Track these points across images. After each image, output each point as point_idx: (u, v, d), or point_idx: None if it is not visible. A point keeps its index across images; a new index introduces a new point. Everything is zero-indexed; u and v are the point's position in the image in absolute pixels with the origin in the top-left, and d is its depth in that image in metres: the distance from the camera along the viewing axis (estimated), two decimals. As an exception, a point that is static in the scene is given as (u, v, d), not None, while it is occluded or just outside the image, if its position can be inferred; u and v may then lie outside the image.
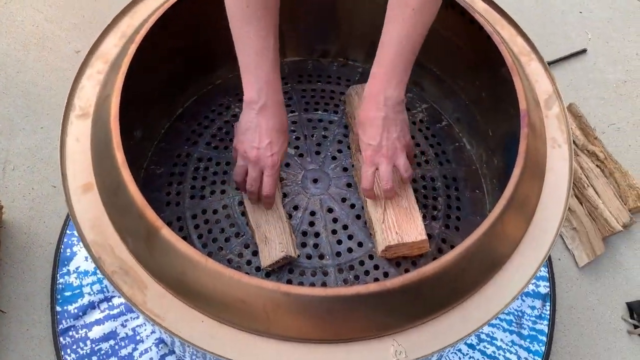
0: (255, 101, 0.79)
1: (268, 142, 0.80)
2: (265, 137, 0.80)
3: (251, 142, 0.80)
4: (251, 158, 0.80)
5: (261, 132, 0.80)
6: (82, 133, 0.74)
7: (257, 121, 0.80)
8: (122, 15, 0.84)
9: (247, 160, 0.81)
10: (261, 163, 0.80)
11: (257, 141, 0.80)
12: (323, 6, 1.02)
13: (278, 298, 0.60)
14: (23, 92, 1.35)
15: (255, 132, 0.80)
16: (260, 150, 0.80)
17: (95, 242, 0.67)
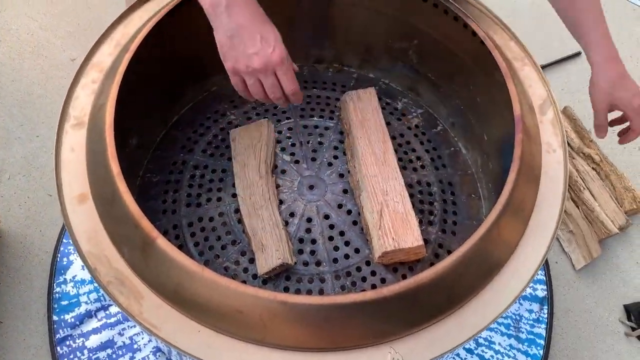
0: (218, 2, 0.68)
1: (260, 38, 0.69)
2: (256, 34, 0.69)
3: (244, 50, 0.69)
4: (256, 66, 0.70)
5: (247, 32, 0.69)
6: (77, 143, 0.74)
7: (235, 23, 0.68)
8: (117, 24, 0.84)
9: (253, 72, 0.70)
10: (270, 65, 0.70)
11: (250, 45, 0.69)
12: (318, 13, 1.02)
13: (275, 307, 0.59)
14: (18, 100, 1.35)
15: (241, 35, 0.69)
16: (260, 53, 0.69)
17: (91, 253, 0.66)
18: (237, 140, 0.93)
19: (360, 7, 0.99)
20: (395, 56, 1.04)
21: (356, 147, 0.92)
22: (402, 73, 1.06)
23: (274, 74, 0.72)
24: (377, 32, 1.02)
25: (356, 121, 0.95)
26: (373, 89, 0.99)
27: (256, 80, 0.72)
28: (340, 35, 1.05)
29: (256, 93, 0.73)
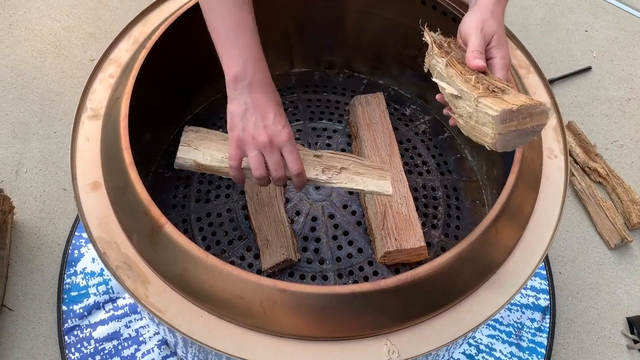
0: (242, 77, 0.69)
1: (274, 116, 0.70)
2: (269, 112, 0.70)
3: (255, 122, 0.69)
4: (263, 139, 0.69)
5: (262, 108, 0.70)
6: (92, 133, 0.77)
7: (252, 99, 0.70)
8: (135, 22, 0.87)
9: (258, 145, 0.70)
10: (276, 141, 0.70)
11: (261, 118, 0.69)
12: (331, 19, 1.05)
13: (275, 294, 0.61)
14: (39, 97, 1.39)
15: (255, 110, 0.70)
16: (269, 128, 0.69)
17: (101, 238, 0.69)
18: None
19: (371, 15, 1.02)
20: (404, 63, 1.06)
21: (363, 149, 0.94)
22: (411, 80, 1.08)
23: (279, 151, 0.70)
24: (387, 39, 1.04)
25: (364, 124, 0.97)
26: (381, 93, 1.01)
27: (259, 153, 0.70)
28: (351, 41, 1.08)
29: (256, 167, 0.70)
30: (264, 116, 0.69)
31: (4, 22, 1.52)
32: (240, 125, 0.70)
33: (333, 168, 0.78)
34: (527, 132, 0.61)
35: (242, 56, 0.70)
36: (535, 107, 0.60)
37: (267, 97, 0.71)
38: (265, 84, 0.71)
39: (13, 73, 1.43)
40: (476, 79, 0.64)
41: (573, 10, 1.68)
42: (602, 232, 1.26)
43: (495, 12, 0.70)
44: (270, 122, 0.69)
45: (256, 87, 0.70)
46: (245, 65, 0.69)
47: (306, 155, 0.78)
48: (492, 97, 0.61)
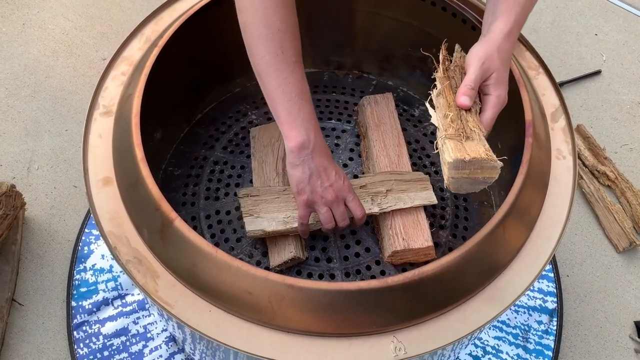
0: (307, 145, 0.75)
1: (335, 174, 0.78)
2: (331, 171, 0.78)
3: (322, 184, 0.77)
4: (331, 197, 0.78)
5: (326, 170, 0.77)
6: (104, 130, 0.78)
7: (315, 163, 0.76)
8: (147, 21, 0.88)
9: (327, 203, 0.78)
10: (341, 195, 0.79)
11: (326, 179, 0.77)
12: (340, 20, 1.05)
13: (283, 290, 0.62)
14: (51, 96, 1.41)
15: (320, 173, 0.77)
16: (334, 185, 0.78)
17: (112, 233, 0.70)
18: (256, 138, 0.97)
19: (381, 16, 1.03)
20: (413, 64, 1.06)
21: (371, 149, 0.95)
22: (420, 81, 1.08)
23: (343, 203, 0.79)
24: (397, 40, 1.05)
25: (372, 124, 0.97)
26: (390, 94, 1.02)
27: (328, 209, 0.79)
28: (361, 42, 1.09)
29: (327, 222, 0.79)
30: (329, 177, 0.78)
31: (17, 21, 1.54)
32: (308, 189, 0.78)
33: (380, 194, 0.86)
34: (478, 182, 0.66)
35: (305, 127, 0.75)
36: (487, 162, 0.64)
37: (327, 159, 0.78)
38: (324, 147, 0.78)
39: (26, 71, 1.44)
40: (455, 115, 0.68)
41: (583, 13, 1.68)
42: (611, 235, 1.26)
43: (503, 48, 0.72)
44: (334, 181, 0.78)
45: (317, 153, 0.76)
46: (308, 135, 0.75)
47: (353, 188, 0.84)
48: (456, 141, 0.65)
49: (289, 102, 0.75)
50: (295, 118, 0.75)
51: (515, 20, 0.74)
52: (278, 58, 0.73)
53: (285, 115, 0.75)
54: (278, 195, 0.85)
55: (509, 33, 0.73)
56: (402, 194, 0.86)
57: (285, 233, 0.83)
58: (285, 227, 0.82)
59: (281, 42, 0.73)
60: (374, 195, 0.85)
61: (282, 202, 0.84)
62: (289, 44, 0.74)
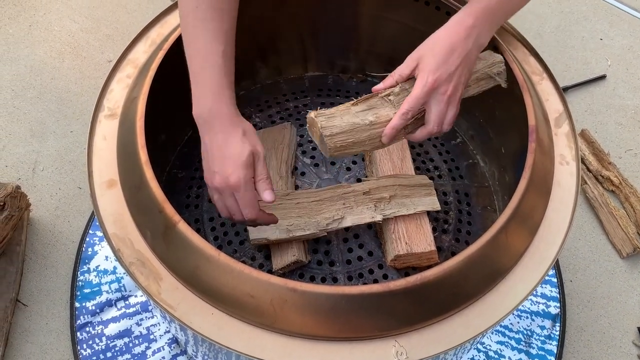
0: (198, 114, 0.70)
1: (224, 159, 0.69)
2: (222, 154, 0.69)
3: (210, 167, 0.70)
4: (218, 185, 0.70)
5: (219, 150, 0.69)
6: (109, 132, 0.78)
7: (210, 140, 0.70)
8: (153, 24, 0.89)
9: (215, 189, 0.71)
10: (227, 186, 0.69)
11: (213, 163, 0.69)
12: (345, 24, 1.06)
13: (285, 293, 0.62)
14: (56, 97, 1.41)
15: (211, 153, 0.70)
16: (219, 173, 0.69)
17: (116, 235, 0.70)
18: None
19: (386, 20, 1.03)
20: (418, 68, 1.06)
21: (374, 153, 0.95)
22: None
23: (232, 196, 0.70)
24: (401, 44, 1.04)
25: (376, 128, 0.97)
26: (394, 98, 1.02)
27: (220, 197, 0.71)
28: (365, 46, 1.09)
29: (220, 210, 0.73)
30: (216, 160, 0.69)
31: (24, 23, 1.55)
32: (203, 167, 0.72)
33: (383, 200, 0.86)
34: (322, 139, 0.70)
35: (202, 94, 0.69)
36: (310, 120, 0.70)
37: (224, 135, 0.68)
38: (225, 120, 0.69)
39: (32, 73, 1.45)
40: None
41: (588, 18, 1.67)
42: (614, 240, 1.25)
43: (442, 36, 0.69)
44: (220, 167, 0.68)
45: (213, 126, 0.69)
46: (203, 102, 0.69)
47: (356, 195, 0.86)
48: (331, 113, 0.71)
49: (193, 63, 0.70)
50: (196, 82, 0.69)
51: (481, 9, 0.68)
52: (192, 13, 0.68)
53: (190, 76, 0.70)
54: (281, 201, 0.85)
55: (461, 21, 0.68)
56: (405, 200, 0.86)
57: (289, 241, 0.84)
58: (288, 236, 0.82)
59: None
60: (377, 202, 0.85)
61: (286, 208, 0.85)
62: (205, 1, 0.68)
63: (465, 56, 0.68)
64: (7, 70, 1.45)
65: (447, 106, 0.69)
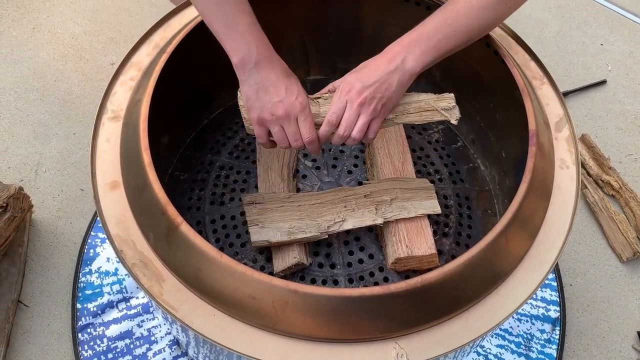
0: (248, 59, 0.73)
1: (285, 89, 0.74)
2: (281, 86, 0.74)
3: (270, 99, 0.74)
4: (280, 114, 0.74)
5: (274, 85, 0.74)
6: (112, 134, 0.79)
7: (261, 77, 0.73)
8: (156, 27, 0.90)
9: (277, 120, 0.75)
10: (293, 112, 0.74)
11: (275, 94, 0.73)
12: (347, 28, 1.06)
13: (286, 295, 0.63)
14: (59, 99, 1.42)
15: (267, 88, 0.73)
16: (284, 101, 0.73)
17: (119, 236, 0.71)
18: (262, 144, 0.97)
19: (387, 24, 1.03)
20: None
21: (375, 157, 0.95)
22: (425, 89, 1.08)
23: (295, 121, 0.75)
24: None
25: (377, 132, 0.98)
26: (395, 102, 1.02)
27: (280, 128, 0.76)
28: (367, 50, 1.09)
29: (280, 140, 0.77)
30: (277, 91, 0.74)
31: (27, 25, 1.56)
32: (257, 105, 0.75)
33: (384, 202, 0.87)
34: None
35: (244, 41, 0.72)
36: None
37: (276, 72, 0.74)
38: (271, 59, 0.74)
39: (35, 75, 1.46)
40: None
41: (589, 23, 1.68)
42: (614, 245, 1.26)
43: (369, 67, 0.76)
44: (283, 96, 0.74)
45: (263, 66, 0.73)
46: (249, 49, 0.72)
47: (358, 198, 0.87)
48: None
49: (224, 16, 0.72)
50: (234, 31, 0.72)
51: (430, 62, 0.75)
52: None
53: (222, 30, 0.73)
54: (283, 204, 0.86)
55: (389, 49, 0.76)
56: (406, 203, 0.87)
57: (290, 243, 0.84)
58: (289, 238, 0.83)
59: None
60: (378, 205, 0.86)
61: (287, 210, 0.85)
62: None
63: (385, 75, 0.75)
64: (11, 72, 1.46)
65: (357, 114, 0.75)
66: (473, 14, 0.74)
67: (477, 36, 0.77)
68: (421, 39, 0.75)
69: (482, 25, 0.75)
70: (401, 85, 0.76)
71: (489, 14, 0.74)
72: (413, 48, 0.75)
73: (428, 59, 0.75)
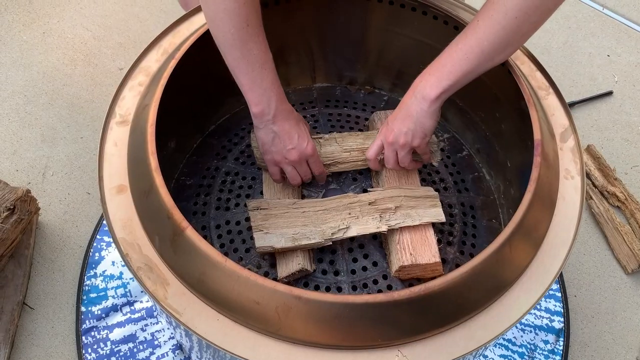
0: (267, 112, 0.83)
1: (298, 137, 0.85)
2: (294, 135, 0.85)
3: (285, 146, 0.85)
4: (294, 158, 0.86)
5: (288, 134, 0.85)
6: (120, 138, 0.80)
7: (277, 128, 0.84)
8: (165, 33, 0.90)
9: (290, 162, 0.87)
10: (304, 156, 0.87)
11: (289, 142, 0.85)
12: (354, 37, 1.07)
13: (290, 301, 0.63)
14: (67, 103, 1.43)
15: (282, 137, 0.85)
16: (297, 148, 0.86)
17: (125, 240, 0.71)
18: (268, 150, 0.98)
19: (394, 33, 1.04)
20: (425, 81, 1.07)
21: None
22: (431, 98, 1.09)
23: (306, 163, 0.89)
24: (409, 57, 1.06)
25: (383, 140, 0.98)
26: (401, 110, 1.03)
27: (292, 168, 0.88)
28: (373, 59, 1.10)
29: (292, 178, 0.89)
30: (291, 140, 0.85)
31: (38, 30, 1.58)
32: (273, 149, 0.86)
33: (389, 210, 0.88)
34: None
35: (266, 96, 0.82)
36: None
37: (289, 122, 0.85)
38: (287, 112, 0.85)
39: (44, 79, 1.47)
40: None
41: (595, 34, 1.68)
42: (619, 256, 1.25)
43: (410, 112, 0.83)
44: (297, 143, 0.86)
45: (279, 117, 0.84)
46: (269, 103, 0.82)
47: (362, 205, 0.87)
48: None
49: (252, 73, 0.80)
50: (258, 87, 0.81)
51: (447, 87, 0.78)
52: (244, 31, 0.77)
53: (248, 84, 0.81)
54: (287, 210, 0.86)
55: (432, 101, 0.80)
56: (410, 211, 0.87)
57: (294, 249, 0.85)
58: (294, 244, 0.83)
59: (247, 15, 0.76)
60: (382, 212, 0.86)
61: (292, 216, 0.86)
62: (254, 17, 0.77)
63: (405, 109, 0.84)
64: (20, 76, 1.47)
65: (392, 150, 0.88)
66: (483, 35, 0.75)
67: (491, 58, 0.77)
68: (436, 66, 0.80)
69: (494, 46, 0.75)
70: (422, 113, 0.82)
71: (500, 35, 0.74)
72: (428, 76, 0.80)
73: (442, 84, 0.79)
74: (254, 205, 0.87)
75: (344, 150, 0.95)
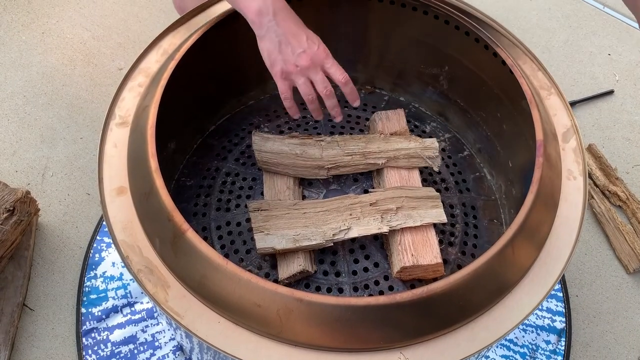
0: (265, 10, 0.73)
1: (306, 38, 0.74)
2: (302, 36, 0.74)
3: (293, 51, 0.74)
4: (306, 64, 0.74)
5: (295, 35, 0.73)
6: (120, 140, 0.79)
7: (281, 29, 0.73)
8: (165, 34, 0.90)
9: (302, 71, 0.75)
10: (317, 60, 0.74)
11: (298, 45, 0.73)
12: (354, 37, 1.07)
13: (291, 303, 0.62)
14: (67, 104, 1.43)
15: (289, 39, 0.73)
16: (307, 51, 0.74)
17: (125, 242, 0.71)
18: (268, 151, 0.98)
19: (395, 34, 1.04)
20: (426, 81, 1.07)
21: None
22: (432, 98, 1.09)
23: (321, 69, 0.75)
24: (410, 58, 1.06)
25: (384, 140, 0.98)
26: (402, 110, 1.02)
27: (306, 79, 0.75)
28: (374, 59, 1.10)
29: (307, 92, 0.76)
30: (299, 42, 0.73)
31: (37, 30, 1.57)
32: (280, 58, 0.74)
33: (390, 211, 0.86)
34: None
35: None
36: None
37: (293, 21, 0.74)
38: (287, 11, 0.74)
39: (44, 79, 1.47)
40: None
41: (597, 33, 1.68)
42: (621, 256, 1.25)
43: None
44: (306, 46, 0.73)
45: (281, 16, 0.73)
46: (263, 3, 0.72)
47: (363, 206, 0.86)
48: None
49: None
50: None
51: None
52: None
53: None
54: (288, 211, 0.86)
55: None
56: (412, 211, 0.87)
57: (295, 250, 0.84)
58: (295, 245, 0.83)
59: None
60: (383, 213, 0.86)
61: (293, 217, 0.85)
62: None
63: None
64: (19, 76, 1.47)
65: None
66: None
67: None
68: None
69: None
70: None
71: None
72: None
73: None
74: (255, 206, 0.87)
75: (346, 154, 0.94)
